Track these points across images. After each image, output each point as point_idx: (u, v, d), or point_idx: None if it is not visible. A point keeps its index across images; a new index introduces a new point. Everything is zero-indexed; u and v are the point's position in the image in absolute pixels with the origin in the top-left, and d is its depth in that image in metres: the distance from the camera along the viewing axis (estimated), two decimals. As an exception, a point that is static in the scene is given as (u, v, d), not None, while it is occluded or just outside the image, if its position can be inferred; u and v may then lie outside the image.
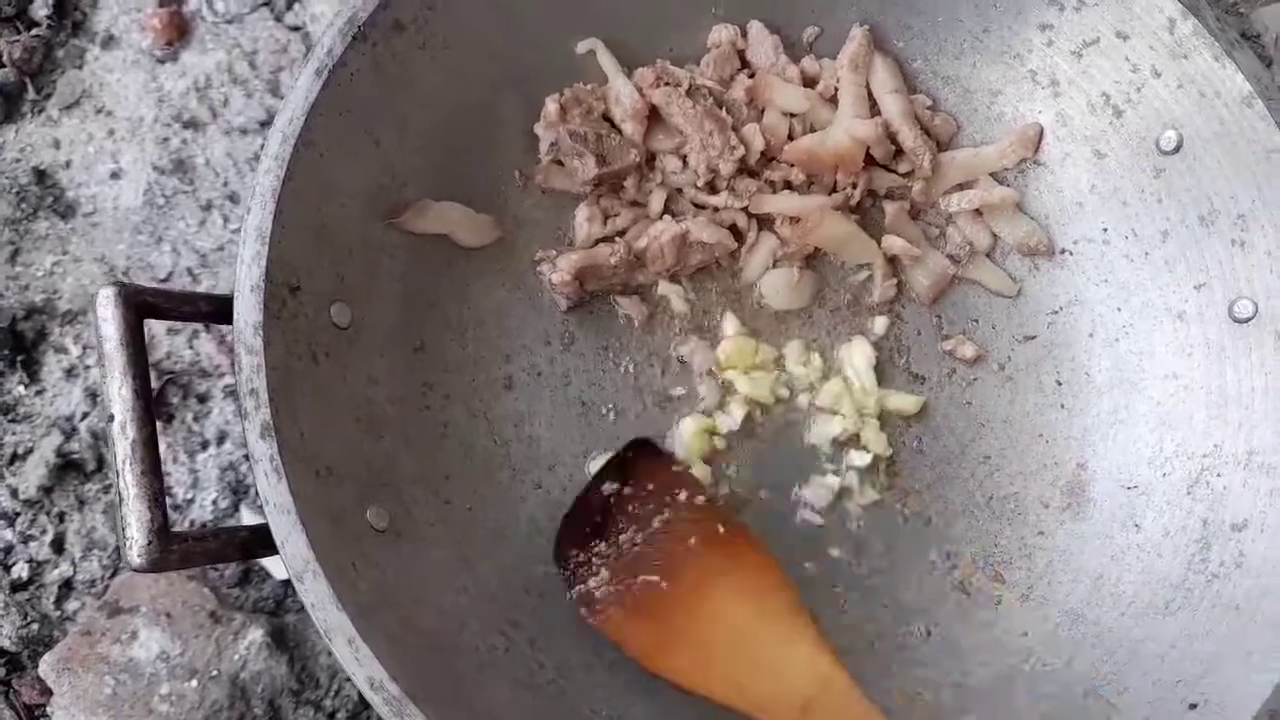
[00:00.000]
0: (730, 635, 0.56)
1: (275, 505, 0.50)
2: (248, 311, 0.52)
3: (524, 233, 0.67)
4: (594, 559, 0.59)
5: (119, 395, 0.49)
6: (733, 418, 0.65)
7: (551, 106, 0.65)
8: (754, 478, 0.66)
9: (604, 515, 0.61)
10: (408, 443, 0.60)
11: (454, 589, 0.58)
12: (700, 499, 0.60)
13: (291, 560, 0.50)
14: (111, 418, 0.49)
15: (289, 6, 0.83)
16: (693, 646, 0.56)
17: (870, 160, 0.68)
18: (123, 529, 0.48)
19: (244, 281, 0.52)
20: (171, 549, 0.49)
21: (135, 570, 0.48)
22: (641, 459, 0.63)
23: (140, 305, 0.50)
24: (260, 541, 0.52)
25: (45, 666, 0.69)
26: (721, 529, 0.59)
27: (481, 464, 0.63)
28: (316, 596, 0.50)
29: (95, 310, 0.49)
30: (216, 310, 0.54)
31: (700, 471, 0.64)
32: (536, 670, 0.58)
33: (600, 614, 0.57)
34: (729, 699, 0.54)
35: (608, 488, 0.62)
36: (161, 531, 0.48)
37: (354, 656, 0.49)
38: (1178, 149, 0.62)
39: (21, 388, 0.76)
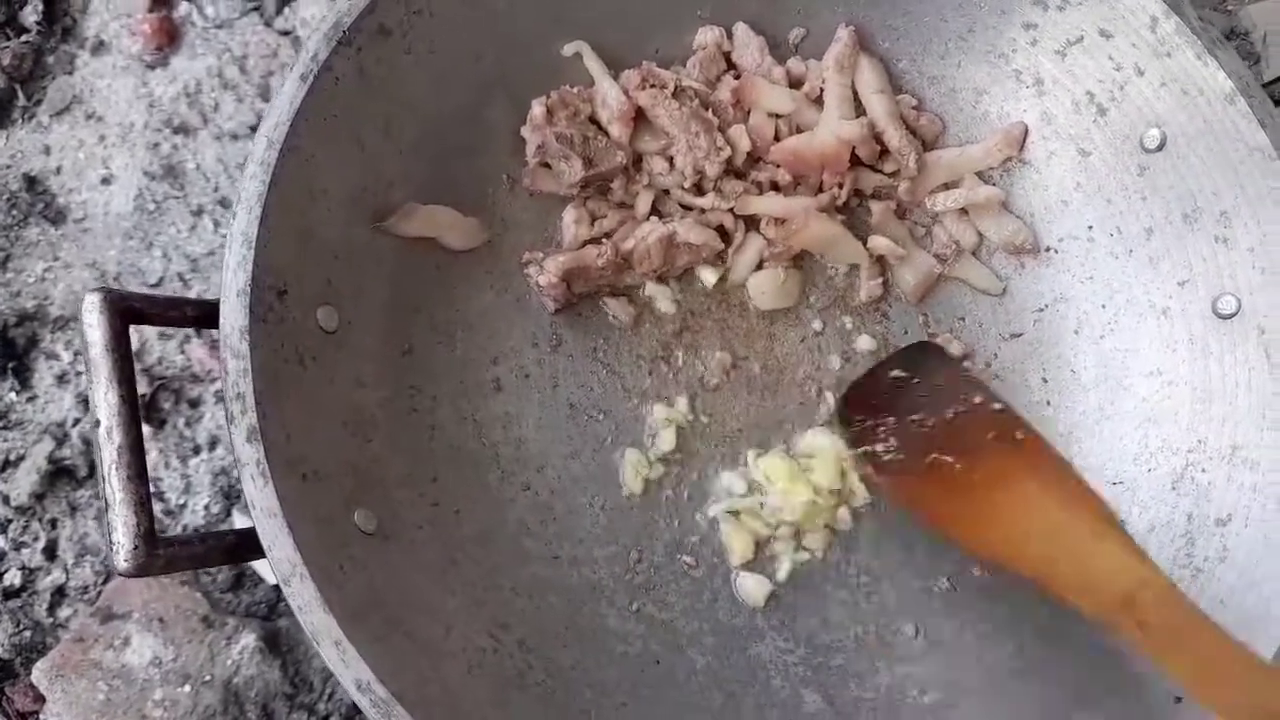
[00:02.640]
0: (1043, 525, 0.54)
1: (262, 509, 0.50)
2: (234, 316, 0.52)
3: (511, 235, 0.67)
4: (881, 428, 0.59)
5: (105, 400, 0.49)
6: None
7: (538, 109, 0.65)
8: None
9: (892, 393, 0.60)
10: (395, 445, 0.60)
11: (442, 590, 0.58)
12: (997, 405, 0.59)
13: (279, 563, 0.50)
14: (98, 423, 0.49)
15: (279, 11, 0.83)
16: (1004, 526, 0.55)
17: (856, 160, 0.68)
18: (109, 533, 0.49)
19: (230, 286, 0.52)
20: (158, 553, 0.49)
21: (122, 574, 0.48)
22: (931, 358, 0.63)
23: (126, 311, 0.50)
24: (248, 545, 0.52)
25: (38, 673, 0.69)
26: (1020, 434, 0.58)
27: (470, 466, 0.63)
28: (304, 599, 0.50)
29: (81, 316, 0.49)
30: (203, 315, 0.54)
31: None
32: (525, 671, 0.59)
33: (890, 476, 0.57)
34: (1043, 576, 0.53)
35: (896, 372, 0.61)
36: (148, 536, 0.49)
37: (341, 659, 0.49)
38: (1161, 147, 0.62)
39: (13, 394, 0.76)
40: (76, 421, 0.76)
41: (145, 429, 0.74)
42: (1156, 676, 0.56)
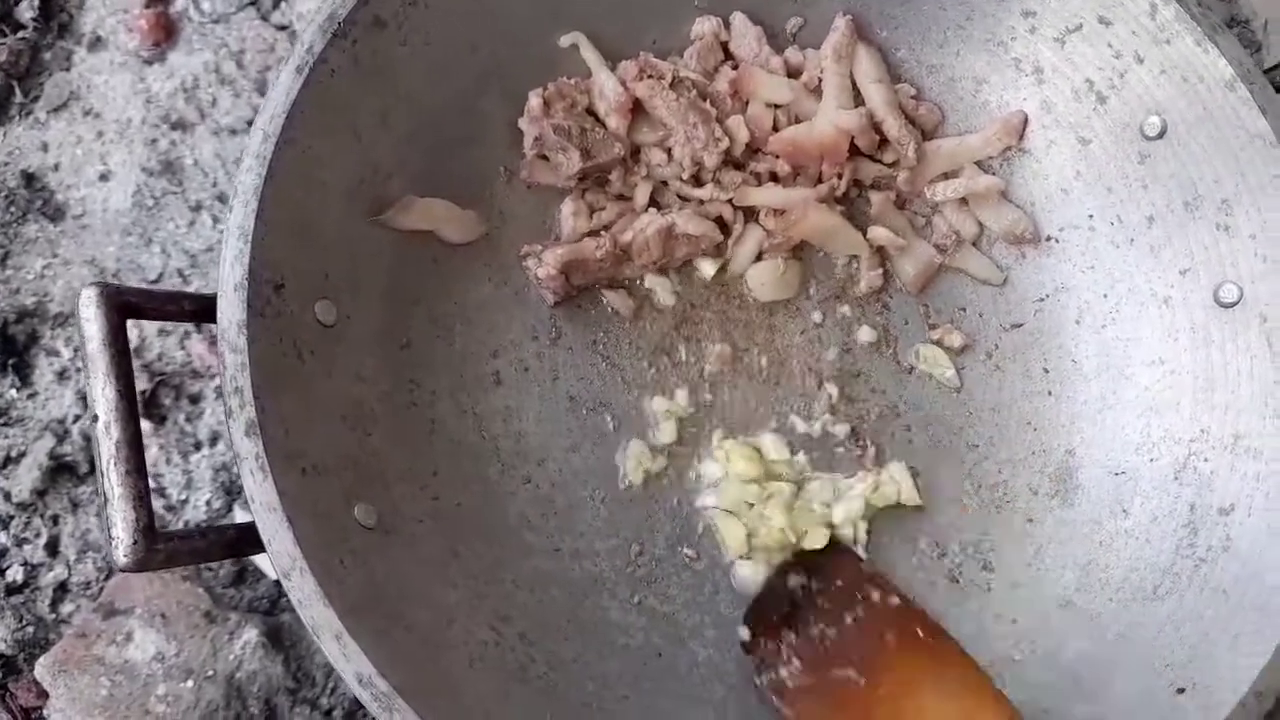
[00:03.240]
0: None
1: (261, 503, 0.50)
2: (231, 310, 0.52)
3: (509, 228, 0.67)
4: (783, 647, 0.58)
5: (102, 395, 0.49)
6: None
7: (535, 101, 0.65)
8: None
9: (791, 606, 0.60)
10: (395, 439, 0.60)
11: (443, 584, 0.58)
12: (894, 600, 0.59)
13: (279, 558, 0.50)
14: (96, 418, 0.49)
15: (275, 5, 0.83)
16: None
17: (855, 150, 0.68)
18: (108, 528, 0.49)
19: (227, 280, 0.52)
20: (157, 548, 0.49)
21: (121, 569, 0.48)
22: (829, 559, 0.62)
23: (123, 305, 0.50)
24: (248, 540, 0.52)
25: (41, 669, 0.69)
26: (921, 632, 0.57)
27: (470, 460, 0.63)
28: (304, 594, 0.50)
29: (78, 311, 0.49)
30: (201, 309, 0.54)
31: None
32: (528, 664, 0.58)
33: (794, 704, 0.56)
34: None
35: (793, 580, 0.61)
36: (147, 530, 0.48)
37: (342, 653, 0.49)
38: (1162, 134, 0.62)
39: (13, 391, 0.76)
40: (77, 418, 0.76)
41: (146, 425, 0.74)
42: (1157, 668, 0.56)
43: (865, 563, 0.63)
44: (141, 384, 0.75)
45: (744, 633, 0.61)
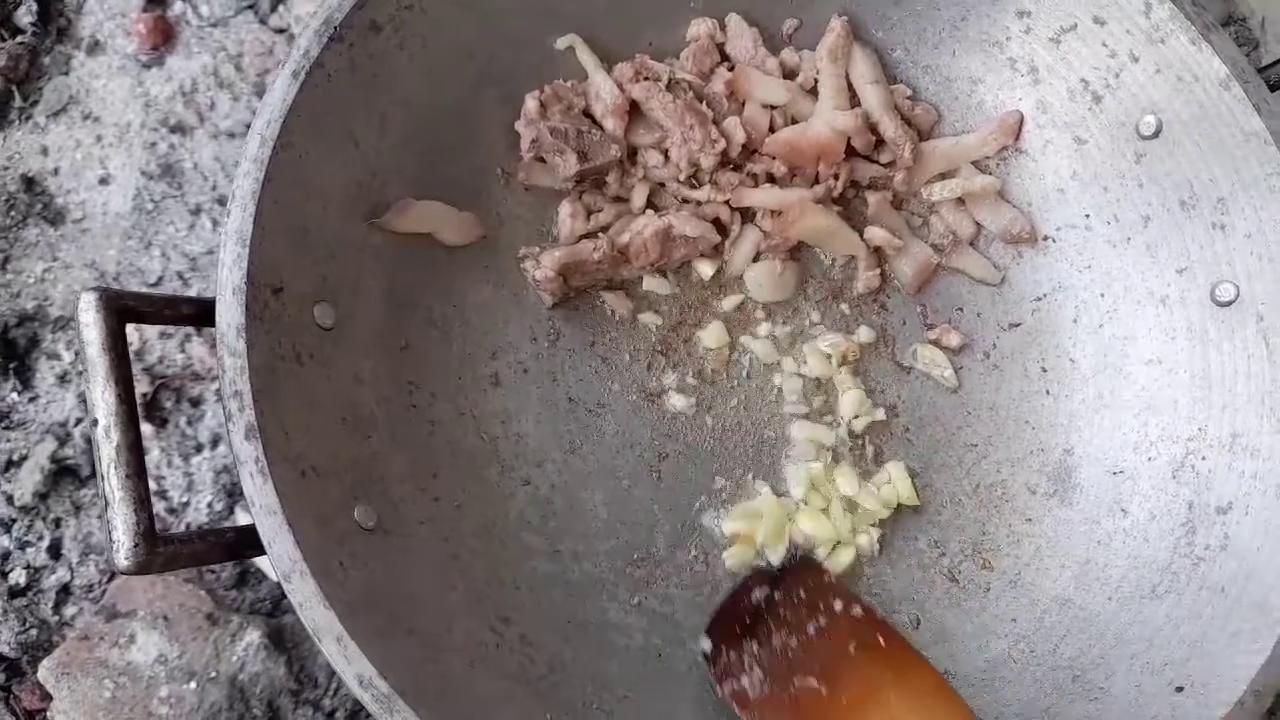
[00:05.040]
0: None
1: (261, 506, 0.50)
2: (230, 314, 0.52)
3: (507, 230, 0.67)
4: (745, 657, 0.58)
5: (102, 400, 0.49)
6: None
7: (531, 103, 0.65)
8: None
9: (754, 617, 0.60)
10: (395, 441, 0.60)
11: (443, 586, 0.58)
12: (857, 610, 0.59)
13: (279, 560, 0.50)
14: (95, 422, 0.49)
15: (273, 9, 0.83)
16: None
17: (852, 151, 0.68)
18: (109, 531, 0.49)
19: (226, 284, 0.53)
20: (158, 551, 0.49)
21: (122, 572, 0.49)
22: (793, 567, 0.62)
23: (122, 310, 0.50)
24: (248, 542, 0.52)
25: (44, 671, 0.69)
26: (883, 641, 0.57)
27: (469, 461, 0.63)
28: (304, 596, 0.50)
29: (77, 316, 0.50)
30: (200, 313, 0.54)
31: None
32: (528, 665, 0.59)
33: (756, 714, 0.56)
34: None
35: (757, 593, 0.61)
36: (147, 534, 0.49)
37: (342, 655, 0.49)
38: (1157, 134, 0.62)
39: (15, 395, 0.77)
40: (78, 421, 0.76)
41: (147, 428, 0.74)
42: (1156, 667, 0.57)
43: (829, 574, 0.63)
44: (142, 387, 0.75)
45: (705, 644, 0.60)
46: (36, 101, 0.81)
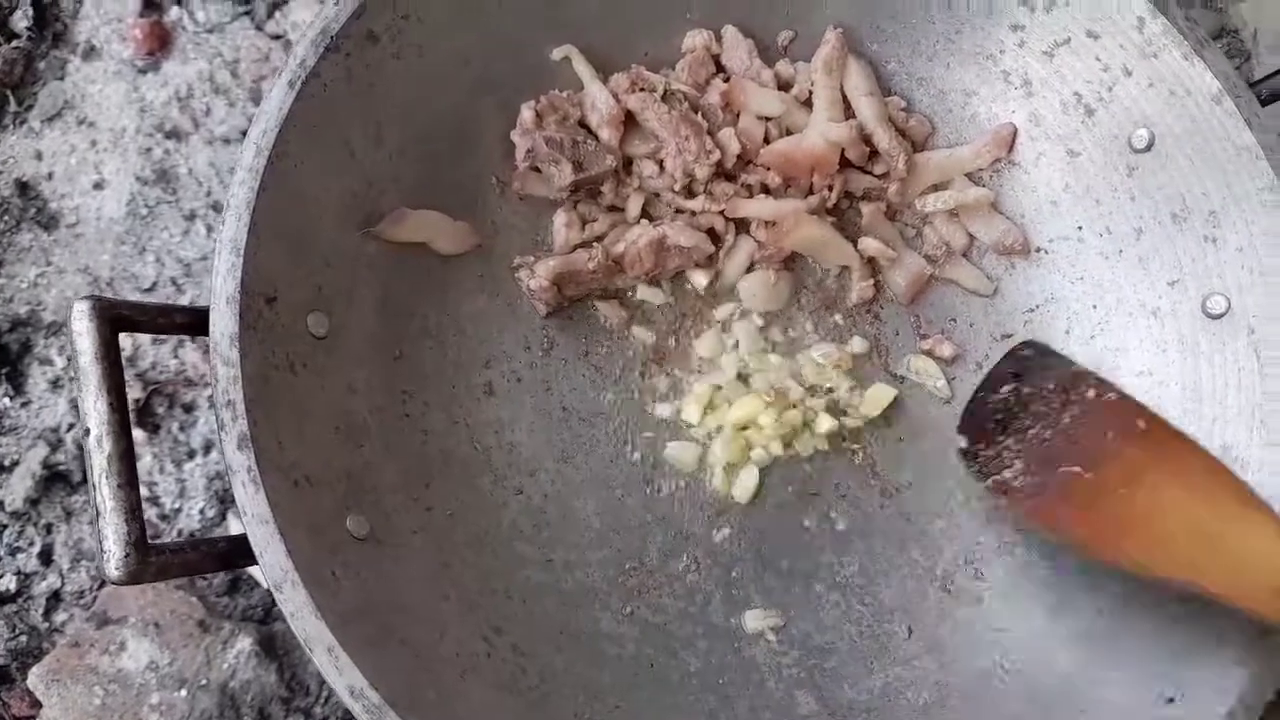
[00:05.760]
0: (1185, 522, 0.53)
1: (253, 515, 0.50)
2: (223, 323, 0.52)
3: (502, 239, 0.67)
4: (1004, 453, 0.58)
5: (94, 409, 0.49)
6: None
7: (527, 113, 0.65)
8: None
9: (1005, 413, 0.60)
10: (388, 451, 0.60)
11: (435, 595, 0.58)
12: (1112, 395, 0.58)
13: (270, 570, 0.50)
14: (88, 431, 0.49)
15: (270, 15, 0.83)
16: (1146, 531, 0.54)
17: (846, 162, 0.68)
18: (100, 541, 0.49)
19: (219, 293, 0.53)
20: (149, 561, 0.49)
21: (113, 583, 0.48)
22: (1036, 358, 0.62)
23: (115, 319, 0.50)
24: (240, 551, 0.52)
25: (34, 678, 0.69)
26: (1143, 424, 0.56)
27: (462, 471, 0.63)
28: (295, 605, 0.50)
29: (69, 325, 0.49)
30: (193, 322, 0.54)
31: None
32: (520, 675, 0.59)
33: (1020, 501, 0.57)
34: (1194, 579, 0.52)
35: (1005, 389, 0.61)
36: (139, 544, 0.49)
37: (334, 665, 0.49)
38: (1149, 147, 0.62)
39: (7, 400, 0.76)
40: (70, 427, 0.76)
41: (139, 434, 0.74)
42: (1147, 678, 0.57)
43: (1074, 363, 0.61)
44: (135, 393, 0.75)
45: (961, 441, 0.61)
46: (31, 106, 0.81)
